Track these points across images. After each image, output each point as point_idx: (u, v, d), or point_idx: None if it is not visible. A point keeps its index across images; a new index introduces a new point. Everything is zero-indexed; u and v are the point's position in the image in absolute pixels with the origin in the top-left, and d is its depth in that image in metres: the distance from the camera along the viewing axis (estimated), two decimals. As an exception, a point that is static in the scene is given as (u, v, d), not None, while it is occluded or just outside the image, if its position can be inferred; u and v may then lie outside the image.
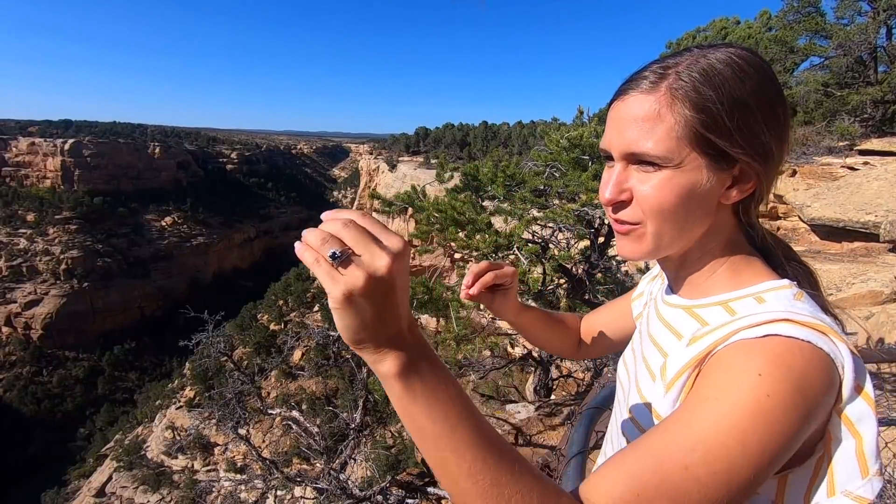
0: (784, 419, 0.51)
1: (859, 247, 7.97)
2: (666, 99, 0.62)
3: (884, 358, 2.33)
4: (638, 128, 0.63)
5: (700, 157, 0.62)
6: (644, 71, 0.67)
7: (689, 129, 0.61)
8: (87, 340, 67.05)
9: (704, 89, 0.61)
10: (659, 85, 0.63)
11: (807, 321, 0.56)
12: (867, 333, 4.33)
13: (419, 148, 52.46)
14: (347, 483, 4.11)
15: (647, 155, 0.63)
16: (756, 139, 0.62)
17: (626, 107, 0.65)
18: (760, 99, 0.62)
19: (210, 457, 30.44)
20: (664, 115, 0.62)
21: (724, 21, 16.39)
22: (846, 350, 0.55)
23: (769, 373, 0.52)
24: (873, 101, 11.11)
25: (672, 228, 0.65)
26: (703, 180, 0.63)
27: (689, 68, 0.63)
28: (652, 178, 0.64)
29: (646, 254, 0.68)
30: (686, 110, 0.61)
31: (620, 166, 0.67)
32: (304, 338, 28.71)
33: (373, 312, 0.47)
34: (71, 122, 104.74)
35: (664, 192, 0.63)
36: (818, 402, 0.53)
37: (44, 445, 53.10)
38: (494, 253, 4.62)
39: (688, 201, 0.64)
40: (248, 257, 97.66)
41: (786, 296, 0.63)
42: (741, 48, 0.65)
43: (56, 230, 75.62)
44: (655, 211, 0.65)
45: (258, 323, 40.82)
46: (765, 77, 0.63)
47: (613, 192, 0.67)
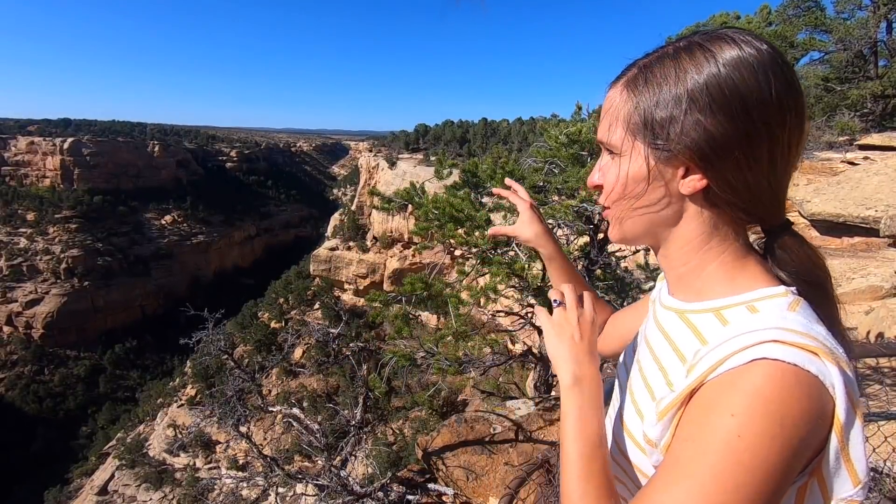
0: (760, 455, 0.51)
1: (859, 242, 7.96)
2: (621, 93, 0.68)
3: (883, 353, 2.33)
4: (606, 118, 0.70)
5: (645, 147, 0.65)
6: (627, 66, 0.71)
7: (631, 121, 0.66)
8: (89, 339, 67.16)
9: (651, 82, 0.65)
10: (620, 78, 0.70)
11: (796, 341, 0.55)
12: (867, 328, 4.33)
13: (419, 145, 52.42)
14: (348, 480, 4.12)
15: (605, 143, 0.71)
16: (687, 130, 0.61)
17: (606, 99, 0.72)
18: (710, 92, 0.59)
19: (212, 454, 30.54)
20: (618, 108, 0.68)
21: (724, 16, 16.33)
22: (836, 370, 0.54)
23: (742, 411, 0.53)
24: (873, 95, 11.08)
25: (627, 212, 0.70)
26: (646, 168, 0.66)
27: (648, 64, 0.66)
28: (611, 165, 0.71)
29: (617, 237, 0.75)
30: (630, 103, 0.66)
31: (603, 155, 0.74)
32: (305, 335, 28.75)
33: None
34: (70, 121, 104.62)
35: (613, 177, 0.70)
36: (802, 428, 0.52)
37: (46, 444, 53.28)
38: (493, 250, 4.62)
39: (635, 186, 0.67)
40: (248, 255, 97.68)
41: (780, 305, 0.61)
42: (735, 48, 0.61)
43: (56, 229, 75.62)
44: (609, 194, 0.71)
45: (259, 321, 40.88)
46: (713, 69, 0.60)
47: (596, 177, 0.75)
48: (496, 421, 4.25)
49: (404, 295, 4.68)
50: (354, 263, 45.06)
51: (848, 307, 5.49)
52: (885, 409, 2.79)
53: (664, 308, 0.76)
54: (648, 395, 0.72)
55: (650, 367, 0.74)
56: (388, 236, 43.42)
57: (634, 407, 0.73)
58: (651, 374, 0.73)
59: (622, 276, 5.25)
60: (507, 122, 47.63)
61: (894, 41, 11.37)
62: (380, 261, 43.82)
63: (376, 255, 44.32)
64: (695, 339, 0.67)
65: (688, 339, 0.68)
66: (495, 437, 4.03)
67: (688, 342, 0.68)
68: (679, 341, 0.69)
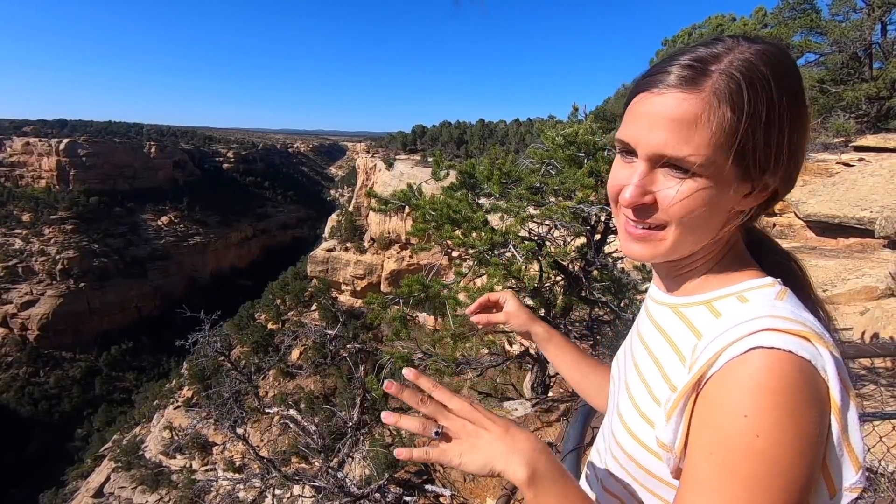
0: (781, 448, 0.52)
1: (854, 243, 8.00)
2: (709, 102, 0.58)
3: (878, 353, 2.34)
4: (675, 130, 0.59)
5: (733, 167, 0.59)
6: (678, 63, 0.62)
7: (729, 138, 0.58)
8: (85, 340, 66.81)
9: (749, 94, 0.58)
10: (702, 84, 0.59)
11: (787, 328, 0.56)
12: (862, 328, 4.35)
13: (416, 146, 52.38)
14: (345, 481, 4.11)
15: (684, 161, 0.59)
16: (787, 151, 0.61)
17: (661, 103, 0.61)
18: (794, 105, 0.60)
19: (208, 456, 30.41)
20: (705, 120, 0.58)
21: (719, 18, 16.41)
22: (827, 353, 0.56)
23: (753, 410, 0.53)
24: (868, 97, 11.14)
25: (693, 235, 0.64)
26: (730, 190, 0.61)
27: (732, 68, 0.59)
28: (683, 184, 0.60)
29: (658, 257, 0.67)
30: (729, 118, 0.58)
31: (644, 167, 0.63)
32: (302, 337, 28.63)
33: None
34: (66, 122, 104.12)
35: (696, 202, 0.61)
36: (809, 413, 0.53)
37: (42, 446, 52.97)
38: (491, 250, 4.62)
39: (714, 210, 0.62)
40: (245, 256, 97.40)
41: (768, 295, 0.63)
42: (773, 45, 0.62)
43: (52, 230, 75.24)
44: (682, 219, 0.62)
45: (256, 322, 40.76)
46: (797, 80, 0.61)
47: (636, 195, 0.63)
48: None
49: (402, 296, 4.68)
50: (352, 264, 44.99)
51: (843, 308, 5.51)
52: (880, 409, 2.80)
53: (657, 304, 0.76)
54: (648, 394, 0.72)
55: (647, 364, 0.74)
56: (385, 237, 43.38)
57: (638, 412, 0.72)
58: (648, 371, 0.73)
59: (619, 277, 5.26)
60: (505, 124, 47.68)
61: (889, 43, 11.43)
62: (377, 262, 43.77)
63: (374, 257, 44.26)
64: (689, 332, 0.68)
65: (683, 334, 0.69)
66: (493, 438, 4.02)
67: (683, 336, 0.69)
68: (674, 335, 0.70)
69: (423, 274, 4.95)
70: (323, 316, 36.46)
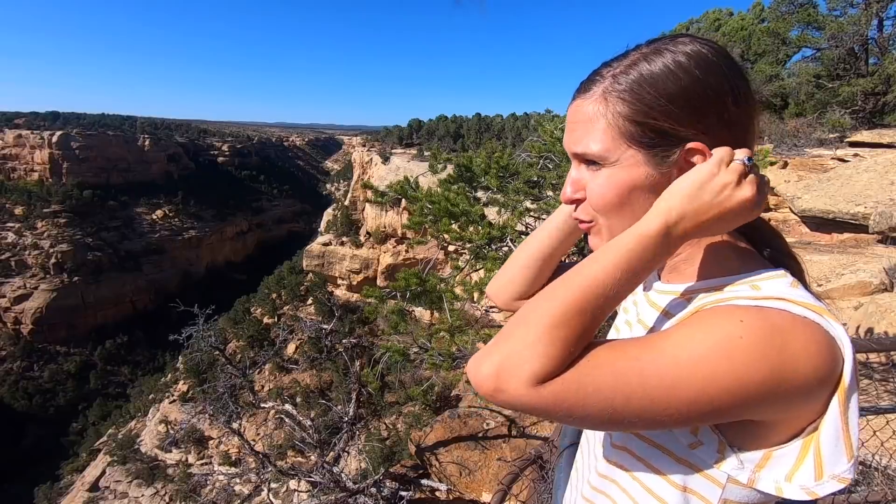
0: (749, 364, 0.52)
1: (849, 238, 8.04)
2: (600, 100, 0.66)
3: (873, 347, 2.36)
4: (580, 129, 0.68)
5: (637, 153, 0.65)
6: (591, 74, 0.70)
7: (623, 126, 0.64)
8: (79, 335, 66.50)
9: (634, 86, 0.64)
10: (595, 88, 0.67)
11: (805, 301, 0.57)
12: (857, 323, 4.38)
13: (412, 140, 52.20)
14: (341, 476, 4.11)
15: (587, 154, 0.67)
16: (698, 125, 0.63)
17: (572, 110, 0.70)
18: (700, 89, 0.63)
19: (204, 450, 30.43)
20: (599, 116, 0.66)
21: (717, 12, 16.39)
22: (844, 333, 0.56)
23: (752, 322, 0.54)
24: (864, 92, 11.17)
25: (622, 222, 0.67)
26: (642, 174, 0.65)
27: (624, 70, 0.65)
28: (597, 176, 0.68)
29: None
30: (618, 108, 0.64)
31: (574, 165, 0.71)
32: (298, 331, 28.63)
33: None
34: (58, 114, 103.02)
35: (605, 189, 0.67)
36: (802, 374, 0.53)
37: (36, 440, 52.82)
38: (488, 245, 4.61)
39: (630, 195, 0.66)
40: (240, 250, 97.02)
41: (782, 283, 0.63)
42: (690, 40, 0.66)
43: (45, 224, 74.61)
44: (601, 207, 0.68)
45: (251, 316, 40.67)
46: (709, 67, 0.64)
47: (568, 192, 0.72)
48: (489, 416, 4.26)
49: (398, 290, 4.66)
50: (348, 259, 44.91)
51: (837, 303, 5.55)
52: (874, 404, 2.82)
53: (662, 293, 0.76)
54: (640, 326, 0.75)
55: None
56: (381, 231, 43.30)
57: None
58: None
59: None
60: (501, 118, 47.52)
61: (885, 38, 11.45)
62: (373, 256, 43.70)
63: (370, 251, 44.19)
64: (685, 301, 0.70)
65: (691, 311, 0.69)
66: (488, 433, 4.03)
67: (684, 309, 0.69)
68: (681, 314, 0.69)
69: (419, 268, 4.94)
70: (319, 310, 36.42)
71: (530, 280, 0.91)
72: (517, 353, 0.54)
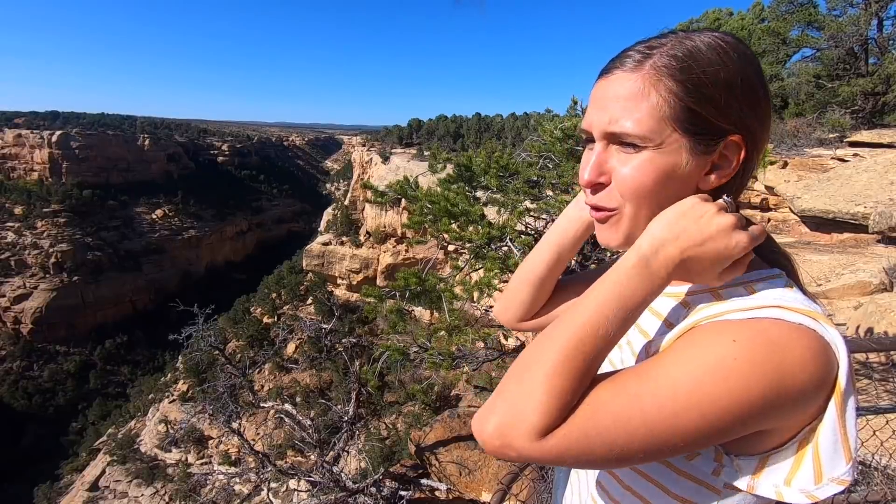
0: (746, 385, 0.51)
1: (849, 238, 8.04)
2: (650, 76, 0.61)
3: (873, 347, 2.35)
4: (620, 106, 0.62)
5: (682, 138, 0.61)
6: (629, 50, 0.65)
7: (673, 107, 0.60)
8: (79, 334, 66.46)
9: (690, 67, 0.60)
10: (643, 63, 0.62)
11: (800, 307, 0.56)
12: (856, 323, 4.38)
13: (412, 140, 52.18)
14: (341, 475, 4.11)
15: (627, 135, 0.61)
16: (740, 119, 0.62)
17: (609, 85, 0.64)
18: (743, 80, 0.62)
19: (204, 450, 30.42)
20: (647, 93, 0.61)
21: (717, 12, 16.39)
22: (839, 337, 0.55)
23: (745, 340, 0.53)
24: (864, 92, 11.17)
25: (649, 211, 0.64)
26: (682, 162, 0.62)
27: (674, 48, 0.62)
28: (632, 159, 0.62)
29: (622, 240, 0.67)
30: (671, 87, 0.60)
31: (601, 146, 0.65)
32: (298, 331, 28.59)
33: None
34: (58, 114, 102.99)
35: (643, 174, 0.62)
36: (799, 382, 0.52)
37: (36, 440, 52.78)
38: (487, 245, 4.61)
39: (666, 184, 0.62)
40: (240, 250, 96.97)
41: (777, 285, 0.62)
42: (724, 33, 0.64)
43: (45, 223, 74.56)
44: (633, 194, 0.63)
45: (251, 316, 40.66)
46: (747, 61, 0.63)
47: (593, 174, 0.65)
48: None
49: (398, 289, 4.66)
50: (347, 258, 44.89)
51: (837, 302, 5.55)
52: (873, 404, 2.82)
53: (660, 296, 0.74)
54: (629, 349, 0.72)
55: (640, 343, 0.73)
56: (381, 231, 43.29)
57: None
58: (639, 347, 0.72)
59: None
60: (501, 118, 47.49)
61: (885, 38, 11.45)
62: (373, 256, 43.69)
63: (369, 251, 44.18)
64: (683, 309, 0.68)
65: (684, 316, 0.68)
66: (488, 432, 4.02)
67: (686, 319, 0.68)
68: (675, 319, 0.69)
69: (419, 268, 4.94)
70: (318, 310, 36.41)
71: (529, 302, 0.92)
72: (517, 408, 0.53)
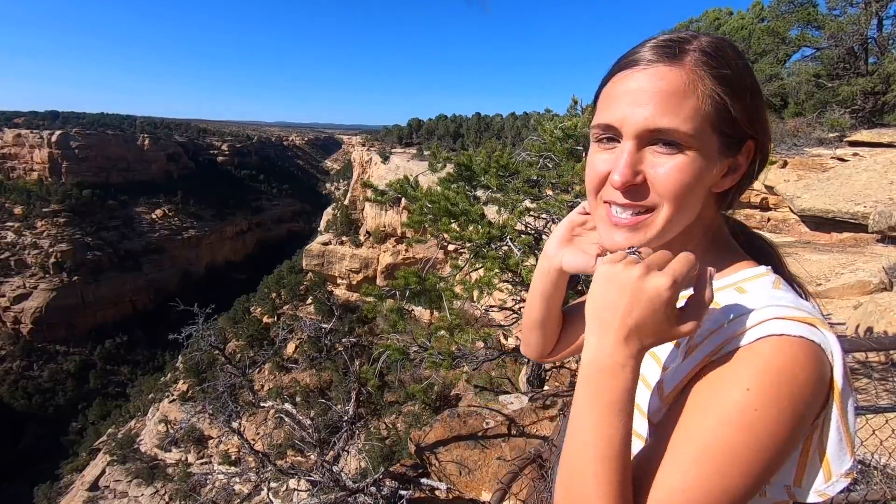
0: (773, 428, 0.52)
1: (848, 237, 8.04)
2: (694, 73, 0.58)
3: (872, 347, 2.35)
4: (662, 102, 0.57)
5: (716, 141, 0.60)
6: (651, 44, 0.61)
7: (714, 109, 0.58)
8: (78, 334, 66.43)
9: (727, 68, 0.59)
10: (682, 57, 0.59)
11: (795, 315, 0.56)
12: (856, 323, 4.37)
13: (412, 139, 52.16)
14: (341, 475, 4.11)
15: (674, 132, 0.57)
16: (758, 123, 0.63)
17: (644, 77, 0.59)
18: (757, 86, 0.64)
19: (204, 450, 30.42)
20: (692, 91, 0.57)
21: (717, 12, 16.38)
22: (833, 338, 0.56)
23: (757, 385, 0.53)
24: (864, 92, 11.16)
25: (683, 215, 0.62)
26: (714, 165, 0.61)
27: (704, 45, 0.60)
28: (673, 159, 0.58)
29: (646, 242, 0.63)
30: (713, 87, 0.58)
31: (632, 145, 0.60)
32: (298, 330, 28.56)
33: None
34: (58, 114, 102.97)
35: (688, 176, 0.58)
36: (808, 396, 0.53)
37: (36, 440, 52.77)
38: (487, 244, 4.61)
39: (700, 187, 0.61)
40: (240, 250, 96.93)
41: (765, 284, 0.63)
42: (723, 37, 0.65)
43: (44, 223, 74.52)
44: (675, 195, 0.59)
45: (251, 316, 40.65)
46: (750, 66, 0.64)
47: (628, 174, 0.59)
48: (489, 416, 4.25)
49: (398, 289, 4.66)
50: (347, 258, 44.88)
51: (837, 302, 5.55)
52: (873, 403, 2.82)
53: None
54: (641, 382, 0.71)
55: None
56: (381, 231, 43.28)
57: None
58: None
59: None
60: (501, 117, 47.47)
61: (884, 38, 11.44)
62: (373, 255, 43.68)
63: (369, 250, 44.17)
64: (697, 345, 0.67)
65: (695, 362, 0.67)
66: (488, 432, 4.03)
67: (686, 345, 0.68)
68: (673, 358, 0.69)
69: (419, 267, 4.93)
70: (318, 310, 36.40)
71: (542, 343, 0.95)
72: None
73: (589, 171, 0.66)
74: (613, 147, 0.63)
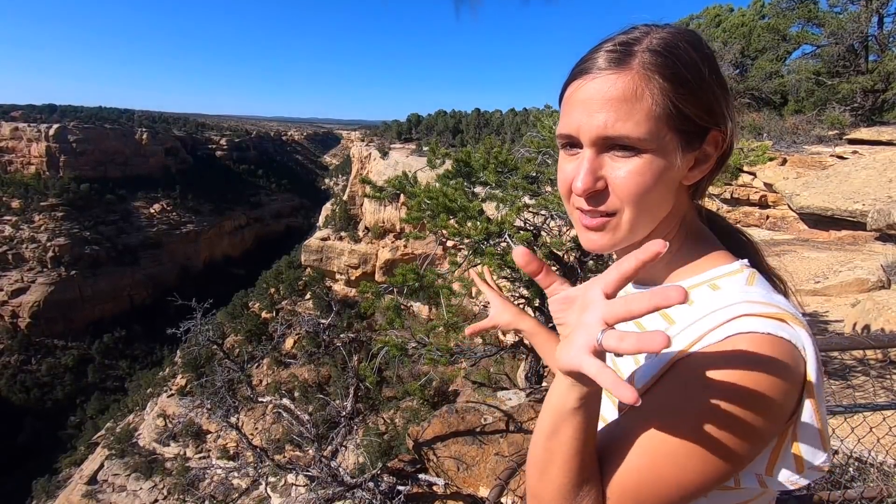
0: (741, 421, 0.53)
1: (846, 235, 8.06)
2: (641, 77, 0.59)
3: (870, 344, 2.35)
4: (614, 109, 0.59)
5: (675, 138, 0.61)
6: (602, 49, 0.63)
7: (665, 107, 0.59)
8: (76, 329, 66.40)
9: (675, 64, 0.60)
10: (629, 61, 0.60)
11: (764, 312, 0.56)
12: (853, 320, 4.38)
13: (411, 135, 52.03)
14: (339, 470, 4.12)
15: (626, 138, 0.59)
16: (720, 113, 0.64)
17: (595, 86, 0.61)
18: (716, 75, 0.64)
19: (202, 444, 30.50)
20: (641, 95, 0.59)
21: (717, 8, 16.33)
22: (804, 333, 0.57)
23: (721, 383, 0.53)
24: (863, 90, 11.16)
25: (647, 215, 0.64)
26: (676, 162, 0.62)
27: (652, 43, 0.61)
28: (629, 163, 0.60)
29: (617, 244, 0.66)
30: (662, 86, 0.59)
31: (591, 153, 0.62)
32: (296, 326, 28.60)
33: None
34: (55, 107, 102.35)
35: (644, 178, 0.60)
36: (780, 393, 0.54)
37: (34, 434, 52.84)
38: (486, 240, 4.60)
39: (662, 185, 0.63)
40: (238, 245, 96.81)
41: (739, 281, 0.64)
42: (678, 27, 0.65)
43: (42, 217, 74.31)
44: (634, 198, 0.61)
45: (249, 311, 40.66)
46: (711, 54, 0.64)
47: (588, 182, 0.62)
48: (487, 412, 4.26)
49: (396, 285, 4.65)
50: (346, 254, 44.89)
51: (835, 299, 5.56)
52: (870, 401, 2.83)
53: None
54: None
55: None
56: (379, 227, 43.27)
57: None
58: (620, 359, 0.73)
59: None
60: (500, 113, 47.39)
61: (885, 36, 11.43)
62: (371, 251, 43.69)
63: (368, 246, 44.18)
64: (661, 319, 0.68)
65: (655, 321, 0.69)
66: (486, 428, 4.04)
67: (654, 323, 0.69)
68: (647, 324, 0.70)
69: (417, 263, 4.93)
70: (317, 305, 36.44)
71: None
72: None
73: (559, 178, 0.68)
74: (576, 154, 0.65)
